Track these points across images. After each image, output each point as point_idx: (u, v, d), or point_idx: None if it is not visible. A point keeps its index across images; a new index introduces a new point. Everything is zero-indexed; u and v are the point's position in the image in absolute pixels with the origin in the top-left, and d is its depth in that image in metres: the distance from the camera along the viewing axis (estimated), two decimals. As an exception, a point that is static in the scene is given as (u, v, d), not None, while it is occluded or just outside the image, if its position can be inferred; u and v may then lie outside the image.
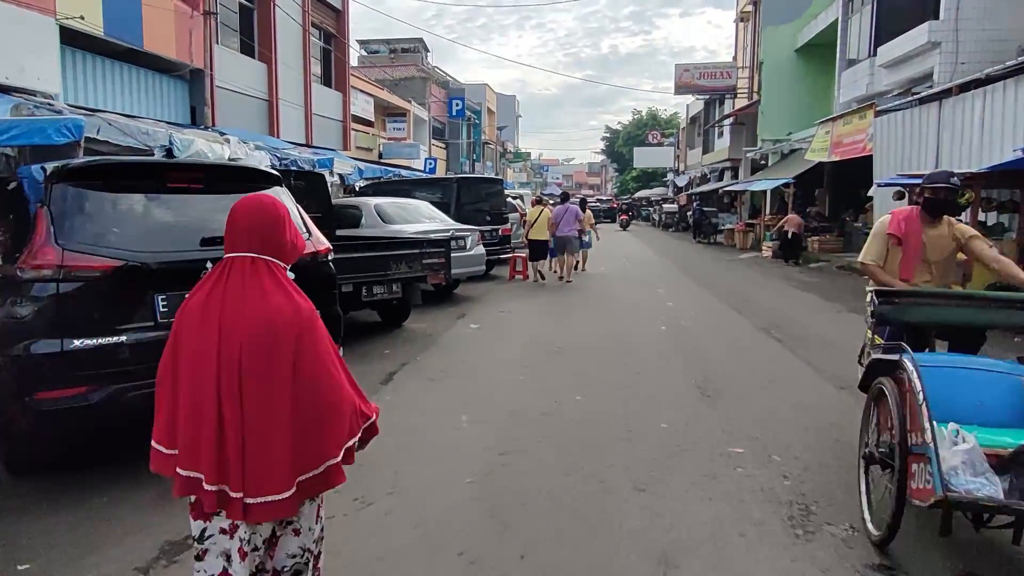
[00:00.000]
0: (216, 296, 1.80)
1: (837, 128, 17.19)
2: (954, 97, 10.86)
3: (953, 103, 10.81)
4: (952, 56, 13.28)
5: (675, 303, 9.96)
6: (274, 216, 1.87)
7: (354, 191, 16.58)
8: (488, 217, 12.37)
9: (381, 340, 6.99)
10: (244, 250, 1.82)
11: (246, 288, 1.79)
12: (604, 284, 12.49)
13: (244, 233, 1.83)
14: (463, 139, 45.66)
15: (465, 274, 9.68)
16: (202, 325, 1.78)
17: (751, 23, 25.31)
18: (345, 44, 22.81)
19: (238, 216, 1.85)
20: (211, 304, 1.79)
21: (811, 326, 8.19)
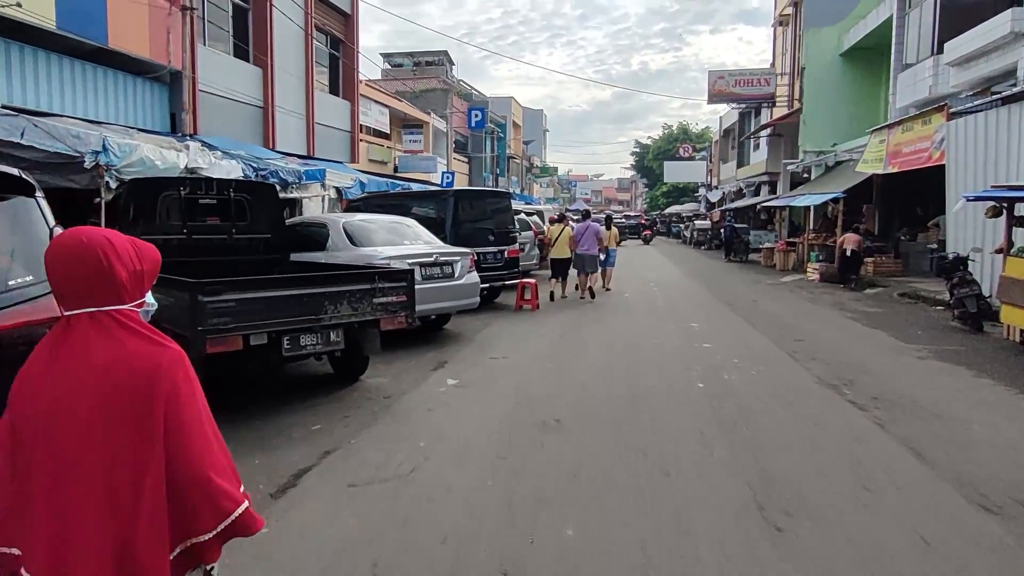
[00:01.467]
0: (57, 359, 1.55)
1: (894, 136, 15.15)
2: (1058, 92, 8.85)
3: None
4: (1042, 48, 11.22)
5: (713, 343, 8.07)
6: (93, 257, 1.54)
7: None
8: (492, 236, 10.66)
9: (317, 406, 5.27)
10: (75, 306, 1.56)
11: (88, 346, 1.54)
12: (626, 315, 10.65)
13: (65, 285, 1.57)
14: (486, 152, 44.31)
15: (454, 308, 7.97)
16: (38, 395, 1.53)
17: (791, 27, 23.35)
18: (354, 50, 21.49)
19: (50, 266, 1.58)
20: (52, 370, 1.55)
21: (893, 380, 6.25)
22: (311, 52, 18.63)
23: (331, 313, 4.80)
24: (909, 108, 15.93)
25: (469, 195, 10.97)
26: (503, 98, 52.00)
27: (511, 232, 11.15)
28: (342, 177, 15.99)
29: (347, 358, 5.68)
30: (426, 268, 7.41)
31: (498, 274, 10.70)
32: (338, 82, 21.58)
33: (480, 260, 10.24)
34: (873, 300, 12.81)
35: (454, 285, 7.71)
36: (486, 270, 10.44)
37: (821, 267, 16.87)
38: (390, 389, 5.75)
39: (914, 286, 13.80)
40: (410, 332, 8.39)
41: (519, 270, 11.26)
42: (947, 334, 9.01)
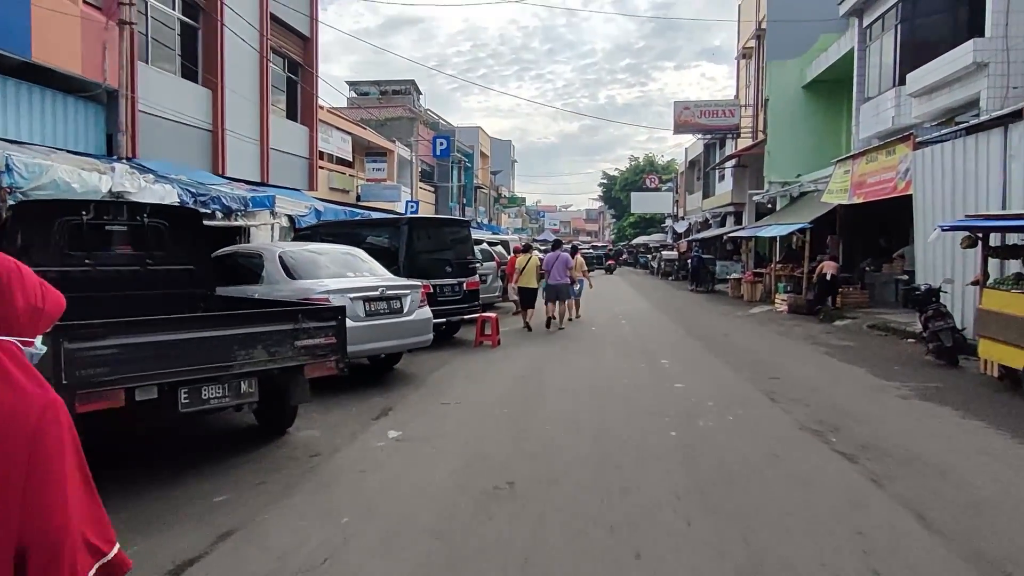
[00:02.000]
0: None
1: (859, 166, 15.08)
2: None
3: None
4: (1002, 79, 11.21)
5: (685, 383, 7.48)
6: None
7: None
8: (449, 268, 10.00)
9: (231, 468, 4.47)
10: None
11: None
12: (594, 351, 10.04)
13: None
14: (453, 182, 43.91)
15: (403, 347, 7.23)
16: None
17: (754, 59, 23.62)
18: (313, 75, 20.89)
19: None
20: None
21: (880, 425, 5.72)
22: (266, 75, 17.95)
23: (242, 359, 4.04)
24: (872, 139, 15.95)
25: (425, 223, 10.31)
26: (470, 127, 51.92)
27: (470, 263, 10.51)
28: (296, 204, 15.23)
29: (270, 409, 4.90)
30: (371, 303, 6.69)
31: (457, 308, 10.02)
32: (296, 107, 20.90)
33: (437, 293, 9.57)
34: (844, 333, 12.47)
35: (403, 321, 6.99)
36: (443, 304, 9.77)
37: (789, 298, 16.62)
38: (320, 445, 4.97)
39: (883, 317, 13.55)
40: (356, 373, 7.66)
41: (479, 303, 10.58)
42: (924, 369, 8.62)
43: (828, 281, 14.93)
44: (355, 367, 7.65)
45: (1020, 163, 8.74)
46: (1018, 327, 6.98)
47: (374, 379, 7.50)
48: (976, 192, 9.64)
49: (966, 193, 9.92)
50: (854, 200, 15.30)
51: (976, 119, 10.75)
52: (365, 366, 8.06)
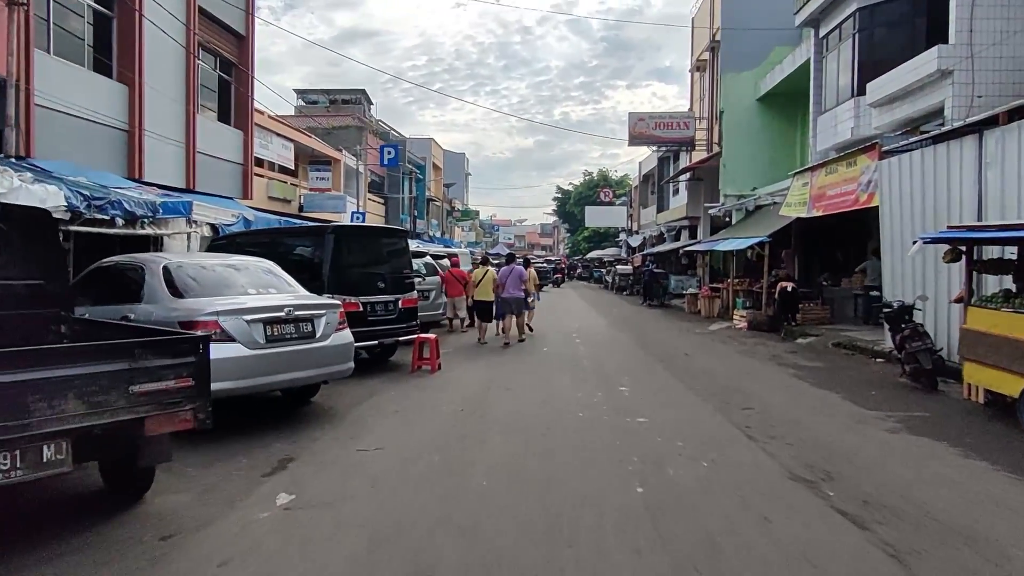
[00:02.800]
0: None
1: (818, 179, 14.64)
2: (1002, 128, 8.15)
3: (1002, 134, 8.09)
4: (967, 87, 10.83)
5: (649, 416, 6.52)
6: None
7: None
8: (383, 283, 8.84)
9: (55, 558, 3.24)
10: None
11: None
12: (546, 375, 9.02)
13: None
14: (404, 193, 42.60)
15: (314, 379, 6.02)
16: None
17: (708, 72, 23.34)
18: (249, 76, 19.47)
19: None
20: None
21: (877, 470, 4.86)
22: (194, 73, 16.51)
23: (44, 416, 2.85)
24: (829, 152, 15.59)
25: (355, 232, 9.12)
26: (423, 139, 50.76)
27: (407, 278, 9.37)
28: (221, 212, 13.82)
29: (117, 470, 3.67)
30: (274, 326, 5.50)
31: (391, 329, 8.87)
32: (229, 110, 19.40)
33: (367, 312, 8.42)
34: (809, 352, 11.81)
35: (316, 348, 5.81)
36: (375, 324, 8.62)
37: (749, 315, 16.03)
38: (182, 518, 3.75)
39: (847, 335, 13.01)
40: (262, 408, 6.42)
41: (417, 323, 9.44)
42: (903, 394, 7.91)
43: (788, 295, 14.37)
44: (260, 401, 6.45)
45: (996, 171, 8.20)
46: (1010, 350, 6.29)
47: (282, 416, 6.27)
48: (949, 202, 9.10)
49: (937, 203, 9.38)
50: (813, 213, 14.84)
51: (941, 129, 10.31)
52: (275, 399, 6.83)
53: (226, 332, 5.10)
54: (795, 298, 14.66)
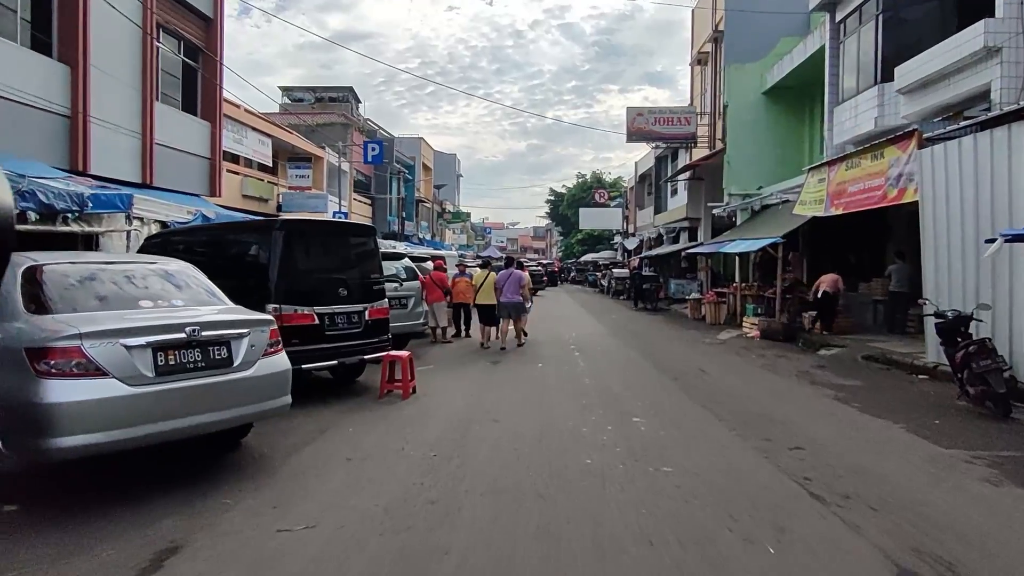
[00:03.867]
0: None
1: (837, 174, 13.29)
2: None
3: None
4: (1018, 67, 9.50)
5: (676, 464, 5.09)
6: None
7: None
8: (345, 290, 7.35)
9: None
10: None
11: None
12: (542, 400, 7.58)
13: None
14: (391, 194, 41.08)
15: (233, 421, 4.50)
16: None
17: (711, 64, 22.02)
18: (218, 63, 17.95)
19: None
20: None
21: (1001, 546, 3.46)
22: (151, 57, 14.98)
23: None
24: (846, 146, 14.28)
25: (311, 230, 7.59)
26: (412, 138, 49.26)
27: (376, 284, 7.88)
28: (174, 209, 12.30)
29: None
30: (170, 352, 4.01)
31: (355, 345, 7.38)
32: (196, 99, 17.86)
33: (326, 325, 6.95)
34: (838, 366, 10.42)
35: (231, 380, 4.31)
36: (335, 340, 7.15)
37: (761, 322, 14.66)
38: None
39: (876, 346, 11.65)
40: (170, 454, 4.92)
41: (388, 338, 7.95)
42: (972, 424, 6.54)
43: (829, 298, 13.28)
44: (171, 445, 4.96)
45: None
46: None
47: (193, 470, 4.77)
48: (1011, 194, 7.74)
49: (995, 197, 8.03)
50: (832, 212, 13.49)
51: (988, 114, 8.97)
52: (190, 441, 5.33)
53: (93, 362, 3.62)
54: (835, 302, 13.42)
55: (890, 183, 11.08)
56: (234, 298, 6.93)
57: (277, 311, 6.74)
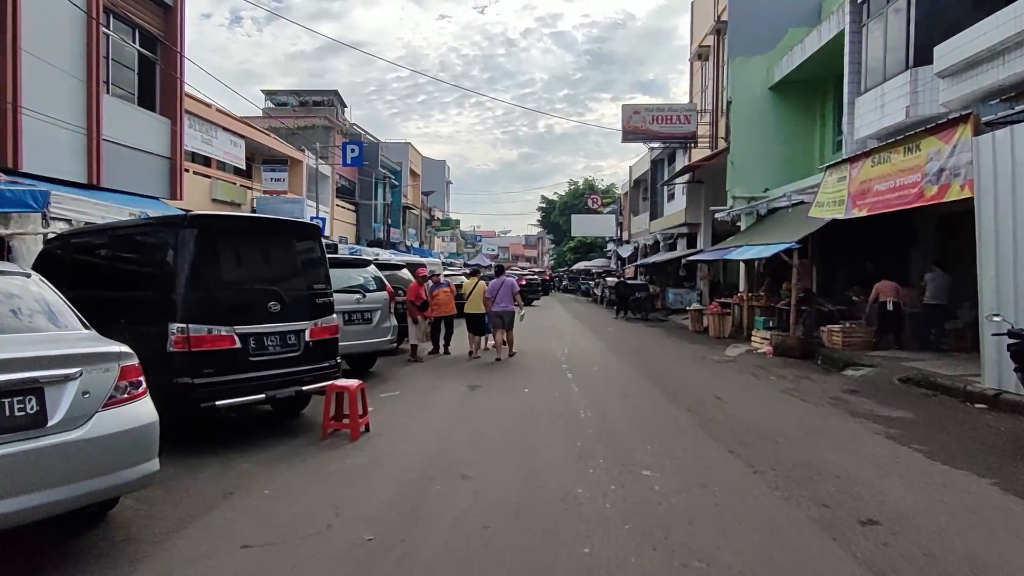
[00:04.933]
0: None
1: (861, 171, 11.90)
2: None
3: None
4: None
5: (713, 554, 3.57)
6: None
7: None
8: (277, 304, 5.80)
9: None
10: None
11: None
12: (526, 443, 6.06)
13: None
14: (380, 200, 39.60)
15: (52, 508, 2.91)
16: None
17: (712, 59, 20.69)
18: (178, 54, 16.44)
19: None
20: None
21: None
22: (97, 44, 13.44)
23: None
24: (868, 141, 12.88)
25: (233, 227, 5.95)
26: (399, 143, 47.80)
27: (321, 296, 6.33)
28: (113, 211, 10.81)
29: None
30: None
31: (289, 374, 5.83)
32: (154, 93, 16.34)
33: (250, 348, 5.44)
34: (875, 391, 8.94)
35: (44, 448, 2.76)
36: (264, 367, 5.62)
37: (774, 337, 13.19)
38: None
39: (911, 365, 10.20)
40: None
41: (336, 364, 6.40)
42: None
43: (889, 312, 12.16)
44: None
45: None
46: None
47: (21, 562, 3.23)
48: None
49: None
50: (854, 214, 12.08)
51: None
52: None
53: None
54: (899, 316, 12.27)
55: (928, 179, 9.67)
56: (132, 316, 5.41)
57: (184, 332, 5.20)
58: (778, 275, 18.04)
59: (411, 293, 10.65)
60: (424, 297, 10.86)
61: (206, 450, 5.48)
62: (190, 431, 5.82)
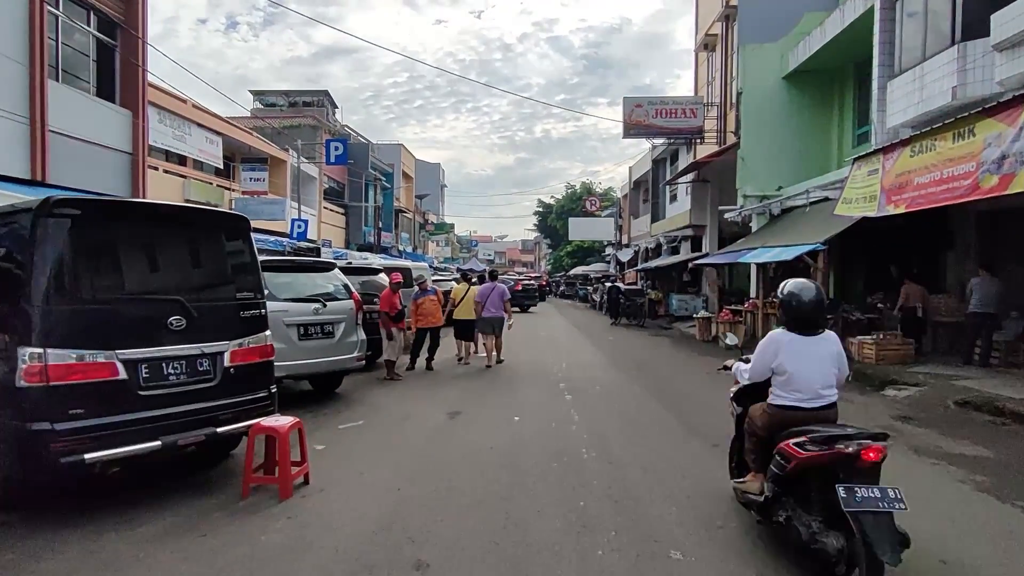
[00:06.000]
0: None
1: (897, 162, 10.50)
2: None
3: None
4: None
5: None
6: None
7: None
8: (181, 320, 4.37)
9: None
10: None
11: None
12: (507, 508, 4.62)
13: None
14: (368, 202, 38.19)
15: None
16: None
17: (720, 49, 19.34)
18: (140, 41, 15.06)
19: None
20: None
21: None
22: (40, 23, 12.05)
23: None
24: (901, 129, 11.52)
25: (118, 215, 4.45)
26: (391, 145, 46.37)
27: (248, 307, 4.88)
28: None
29: None
30: None
31: (199, 412, 4.40)
32: (113, 83, 14.97)
33: (143, 379, 4.02)
34: (930, 417, 7.52)
35: None
36: (161, 404, 4.18)
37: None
38: None
39: (963, 384, 8.80)
40: None
41: (269, 396, 4.96)
42: None
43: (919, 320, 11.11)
44: None
45: None
46: None
47: None
48: None
49: None
50: (888, 211, 10.66)
51: None
52: None
53: None
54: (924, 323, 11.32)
55: (986, 169, 8.26)
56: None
57: (39, 359, 3.77)
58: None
59: (384, 302, 9.21)
60: (399, 306, 9.42)
61: (74, 515, 4.05)
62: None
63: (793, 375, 3.63)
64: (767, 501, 3.60)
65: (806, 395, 3.62)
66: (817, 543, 3.15)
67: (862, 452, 3.06)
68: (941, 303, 11.70)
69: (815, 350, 3.67)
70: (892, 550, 2.81)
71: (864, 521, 2.87)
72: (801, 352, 3.65)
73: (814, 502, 3.28)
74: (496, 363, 11.63)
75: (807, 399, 3.62)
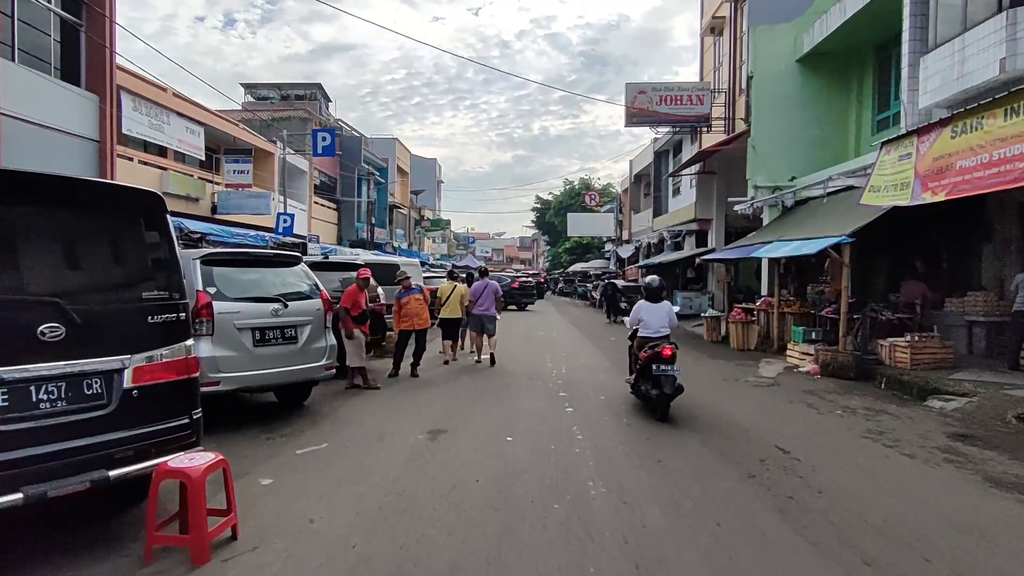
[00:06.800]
0: None
1: (934, 145, 9.47)
2: None
3: None
4: None
5: None
6: None
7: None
8: (59, 329, 3.28)
9: None
10: None
11: None
12: (495, 573, 3.55)
13: None
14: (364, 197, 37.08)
15: None
16: None
17: (728, 32, 18.25)
18: (107, 19, 13.95)
19: None
20: None
21: None
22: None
23: None
24: (935, 109, 10.47)
25: None
26: (386, 139, 45.23)
27: (159, 310, 3.81)
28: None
29: None
30: None
31: (85, 449, 3.32)
32: (79, 65, 13.89)
33: (5, 406, 2.85)
34: (994, 437, 6.46)
35: None
36: (30, 441, 3.08)
37: (820, 352, 10.70)
38: None
39: (1020, 394, 7.75)
40: None
41: (191, 421, 3.89)
42: None
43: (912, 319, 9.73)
44: None
45: None
46: None
47: None
48: None
49: None
50: (925, 199, 9.63)
51: None
52: None
53: None
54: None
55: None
56: None
57: None
58: (808, 276, 15.68)
59: (346, 298, 8.06)
60: (364, 306, 8.29)
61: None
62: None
63: (646, 322, 7.45)
64: (635, 381, 7.52)
65: (652, 331, 7.35)
66: (648, 393, 7.09)
67: (662, 350, 6.86)
68: (978, 301, 10.65)
69: (657, 309, 7.52)
70: (672, 390, 6.76)
71: (660, 377, 6.77)
72: (651, 310, 7.51)
73: (648, 377, 7.06)
74: (490, 365, 11.11)
75: (652, 333, 7.33)
